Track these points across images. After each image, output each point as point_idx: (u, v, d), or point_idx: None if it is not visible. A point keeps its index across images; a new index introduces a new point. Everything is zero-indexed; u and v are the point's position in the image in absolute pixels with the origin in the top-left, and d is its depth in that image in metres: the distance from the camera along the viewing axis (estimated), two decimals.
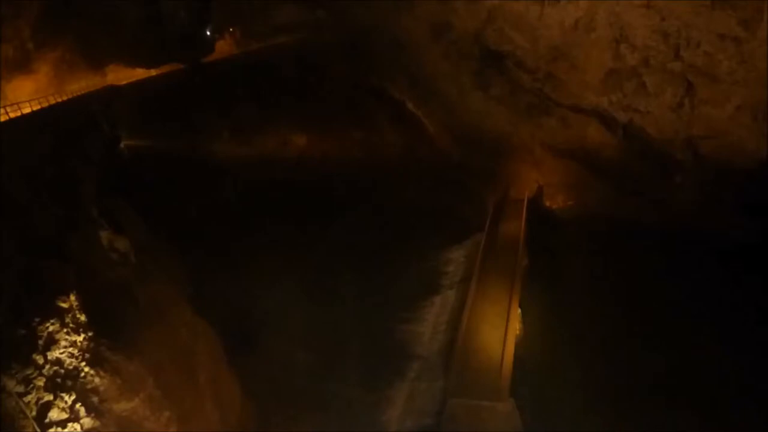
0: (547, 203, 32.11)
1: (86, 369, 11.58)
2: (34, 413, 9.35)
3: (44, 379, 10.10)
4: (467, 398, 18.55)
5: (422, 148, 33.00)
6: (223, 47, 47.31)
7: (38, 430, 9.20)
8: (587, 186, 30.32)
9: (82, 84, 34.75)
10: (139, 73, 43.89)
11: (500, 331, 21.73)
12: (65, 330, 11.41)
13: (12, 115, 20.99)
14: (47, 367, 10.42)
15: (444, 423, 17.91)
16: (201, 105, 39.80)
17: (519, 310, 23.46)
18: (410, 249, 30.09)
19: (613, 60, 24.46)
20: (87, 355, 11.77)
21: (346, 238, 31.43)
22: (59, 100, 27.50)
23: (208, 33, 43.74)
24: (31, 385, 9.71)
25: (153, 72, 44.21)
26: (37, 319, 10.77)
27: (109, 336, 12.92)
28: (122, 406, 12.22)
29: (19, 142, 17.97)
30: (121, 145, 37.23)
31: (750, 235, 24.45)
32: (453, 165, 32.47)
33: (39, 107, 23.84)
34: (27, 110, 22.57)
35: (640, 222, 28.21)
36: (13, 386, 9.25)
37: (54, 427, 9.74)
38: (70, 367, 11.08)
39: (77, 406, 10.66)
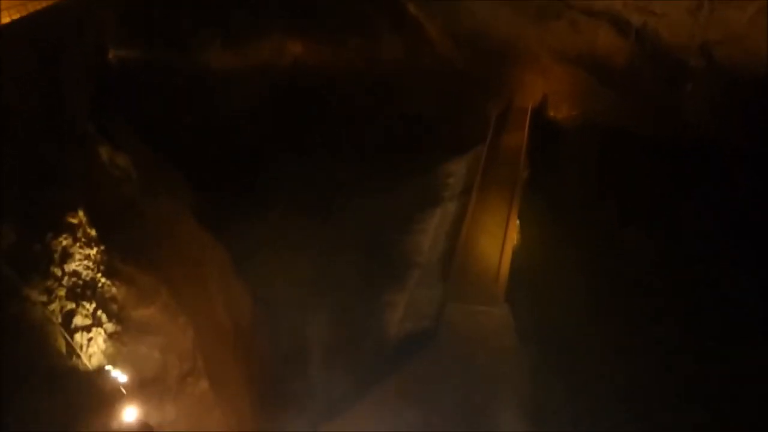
0: (552, 113, 31.43)
1: (103, 279, 12.19)
2: (59, 320, 10.00)
3: (65, 290, 10.67)
4: (464, 303, 19.67)
5: (423, 55, 31.56)
6: None
7: (65, 334, 9.90)
8: (594, 94, 29.47)
9: None
10: None
11: (498, 240, 22.48)
12: (78, 244, 11.84)
13: None
14: (66, 278, 10.96)
15: (442, 326, 19.10)
16: (191, 13, 37.39)
17: (518, 222, 24.02)
18: (411, 161, 30.04)
19: None
20: (102, 267, 12.33)
21: (344, 150, 31.23)
22: (39, 7, 25.80)
23: None
24: (54, 295, 10.29)
25: None
26: (50, 235, 11.13)
27: (120, 249, 13.42)
28: (140, 313, 13.02)
29: (9, 56, 17.24)
30: (110, 55, 35.56)
31: (757, 145, 24.28)
32: (455, 73, 31.29)
33: (17, 16, 22.47)
34: (6, 20, 21.31)
35: (647, 132, 27.84)
36: (37, 296, 9.80)
37: (79, 331, 10.47)
38: (88, 278, 11.66)
39: (99, 312, 11.37)
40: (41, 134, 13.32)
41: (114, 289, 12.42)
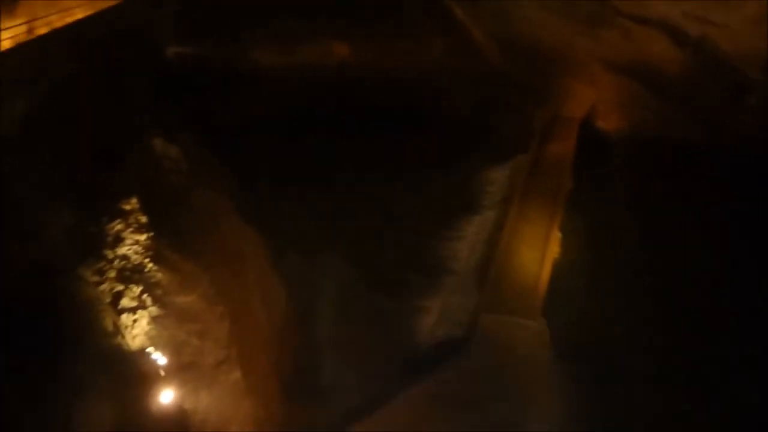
0: (600, 124, 30.56)
1: (149, 265, 12.74)
2: (109, 300, 10.53)
3: (115, 272, 11.24)
4: (500, 314, 19.32)
5: (469, 60, 31.32)
6: None
7: (113, 314, 10.40)
8: (646, 106, 28.42)
9: None
10: None
11: (538, 252, 22.01)
12: (129, 230, 12.45)
13: (67, 19, 21.20)
14: (116, 261, 11.54)
15: (476, 336, 18.81)
16: (244, 12, 38.64)
17: (559, 234, 23.45)
18: (452, 166, 29.84)
19: None
20: (150, 253, 12.89)
21: (385, 152, 31.37)
22: (107, 5, 27.37)
23: None
24: (105, 276, 10.86)
25: None
26: (105, 219, 11.75)
27: (167, 237, 13.99)
28: (182, 299, 13.51)
29: (70, 51, 18.34)
30: (168, 52, 37.21)
31: None
32: (501, 80, 30.91)
33: (84, 15, 23.91)
34: (79, 16, 22.69)
35: (702, 147, 26.62)
36: (89, 276, 10.36)
37: (126, 312, 10.99)
38: (136, 263, 12.22)
39: (144, 296, 11.89)
40: (104, 124, 14.05)
41: (159, 275, 12.96)
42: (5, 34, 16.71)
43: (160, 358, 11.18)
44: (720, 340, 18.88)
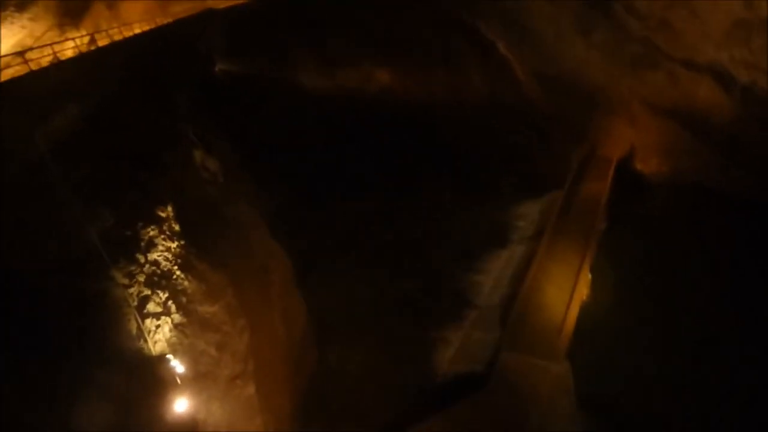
0: (639, 166, 29.84)
1: (178, 272, 13.02)
2: (135, 303, 10.77)
3: (144, 276, 11.51)
4: (521, 353, 18.72)
5: (509, 93, 31.43)
6: None
7: (138, 317, 10.62)
8: (688, 151, 27.64)
9: (184, 6, 36.14)
10: None
11: (566, 293, 21.33)
12: (162, 236, 12.79)
13: (126, 34, 22.50)
14: (147, 266, 11.83)
15: (495, 374, 18.25)
16: (291, 33, 40.17)
17: (589, 276, 22.75)
18: (483, 197, 29.65)
19: (744, 9, 21.18)
20: (179, 261, 13.18)
21: (419, 178, 31.47)
22: (164, 21, 28.98)
23: None
24: (134, 280, 11.12)
25: None
26: (140, 224, 12.12)
27: (197, 246, 14.31)
28: (205, 309, 13.70)
29: (125, 62, 19.39)
30: (216, 68, 38.91)
31: None
32: (539, 115, 30.81)
33: (147, 28, 25.37)
34: (137, 30, 24.07)
35: (745, 197, 25.58)
36: (120, 278, 10.65)
37: (150, 317, 11.19)
38: (165, 269, 12.50)
39: (169, 303, 12.11)
40: (149, 132, 14.61)
41: (186, 283, 13.21)
42: (69, 44, 17.84)
43: (178, 366, 11.29)
44: (759, 398, 17.76)
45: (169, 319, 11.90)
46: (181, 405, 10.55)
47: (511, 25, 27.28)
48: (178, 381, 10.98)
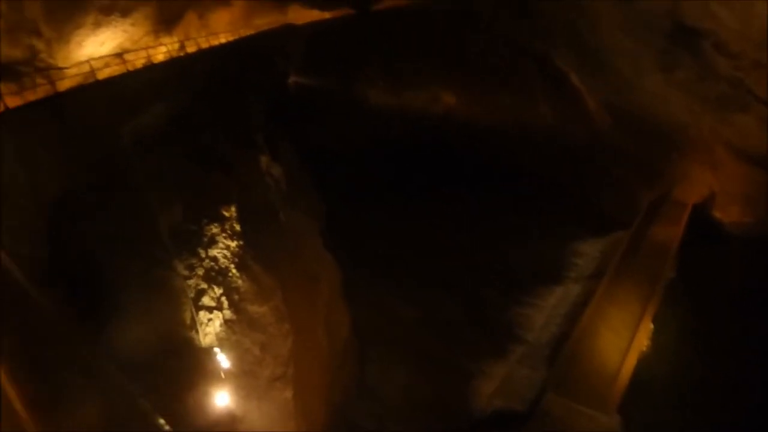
0: (717, 214, 27.80)
1: (233, 270, 13.53)
2: (192, 295, 11.27)
3: (203, 270, 12.06)
4: (568, 398, 17.73)
5: (578, 126, 30.48)
6: None
7: (193, 309, 11.09)
8: None
9: (266, 20, 38.22)
10: (315, 15, 46.78)
11: (624, 341, 20.03)
12: (224, 235, 13.38)
13: (212, 42, 24.09)
14: (206, 261, 12.40)
15: (536, 416, 17.37)
16: (363, 52, 41.42)
17: (651, 326, 21.31)
18: (541, 230, 28.74)
19: None
20: (236, 259, 13.71)
21: (477, 204, 31.05)
22: (247, 33, 30.80)
23: None
24: (194, 272, 11.68)
25: (326, 14, 46.83)
26: (205, 221, 12.76)
27: (254, 247, 14.84)
28: (255, 309, 14.11)
29: (209, 69, 20.71)
30: (290, 80, 40.69)
31: None
32: (610, 150, 29.57)
33: (231, 38, 27.06)
34: (222, 40, 25.71)
35: None
36: (182, 269, 11.21)
37: (204, 310, 11.67)
38: (222, 266, 13.03)
39: (223, 298, 12.59)
40: (222, 135, 15.42)
41: (240, 281, 13.69)
42: (161, 49, 19.33)
43: (223, 360, 11.66)
44: None
45: (220, 314, 12.34)
46: (222, 399, 10.83)
47: (585, 57, 26.52)
48: (222, 375, 11.31)
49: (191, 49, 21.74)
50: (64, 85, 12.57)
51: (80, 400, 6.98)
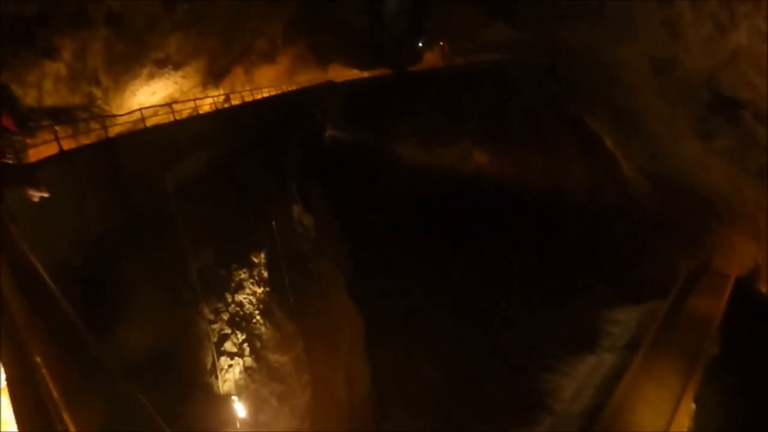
0: (763, 288, 26.33)
1: (258, 317, 13.50)
2: (215, 339, 11.24)
3: (228, 315, 12.07)
4: None
5: (612, 189, 30.10)
6: (430, 59, 50.03)
7: (215, 354, 11.02)
8: None
9: (308, 76, 40.34)
10: (354, 73, 49.18)
11: (662, 419, 18.63)
12: (251, 280, 13.48)
13: (255, 96, 25.44)
14: (232, 306, 12.44)
15: None
16: (398, 109, 42.82)
17: (693, 406, 19.83)
18: (573, 295, 27.79)
19: None
20: (261, 306, 13.72)
21: (507, 266, 30.49)
22: (289, 88, 32.47)
23: (420, 44, 46.62)
24: (219, 317, 11.70)
25: (365, 73, 49.12)
26: (234, 266, 12.91)
27: (280, 295, 14.86)
28: (275, 358, 13.92)
29: (251, 120, 21.74)
30: (326, 133, 42.22)
31: None
32: (646, 216, 28.88)
33: (274, 92, 28.54)
34: (265, 93, 27.13)
35: None
36: (208, 313, 11.25)
37: (225, 356, 11.57)
38: (247, 312, 13.03)
39: (244, 345, 12.49)
40: (258, 183, 15.88)
41: (263, 328, 13.62)
42: (207, 100, 20.52)
43: (240, 410, 11.39)
44: None
45: (241, 361, 12.21)
46: None
47: (620, 121, 26.51)
48: (238, 425, 11.02)
49: (235, 101, 22.96)
50: (115, 130, 13.39)
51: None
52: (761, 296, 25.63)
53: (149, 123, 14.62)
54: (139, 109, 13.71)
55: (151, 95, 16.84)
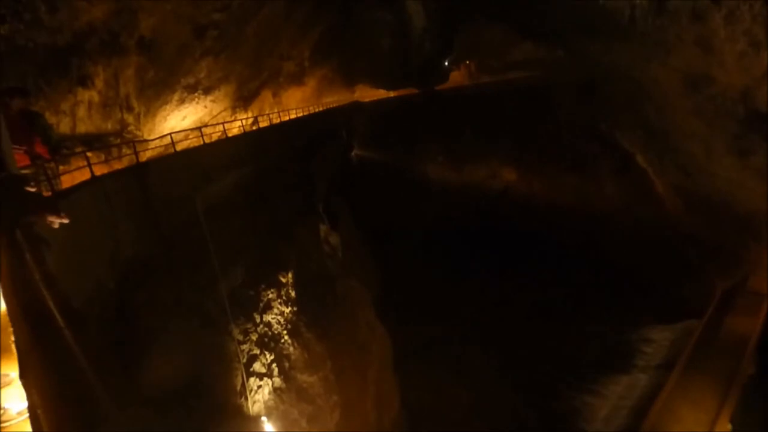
0: None
1: (286, 337, 13.63)
2: (244, 360, 11.39)
3: (257, 336, 12.24)
4: None
5: (646, 208, 29.32)
6: (457, 77, 50.23)
7: (244, 375, 11.17)
8: None
9: (335, 97, 41.04)
10: (380, 93, 49.75)
11: None
12: (279, 300, 13.64)
13: (283, 117, 26.03)
14: (261, 326, 12.60)
15: None
16: (425, 128, 42.98)
17: (730, 427, 18.98)
18: (607, 315, 27.10)
19: None
20: (289, 326, 13.85)
21: (537, 286, 29.99)
22: (316, 109, 33.10)
23: (446, 64, 46.87)
24: (248, 338, 11.86)
25: (391, 93, 49.62)
26: (262, 286, 13.11)
27: (307, 315, 14.97)
28: (304, 378, 13.98)
29: (279, 141, 22.20)
30: (352, 153, 42.69)
31: None
32: (680, 234, 28.05)
33: (301, 114, 29.14)
34: (293, 115, 27.72)
35: None
36: (237, 334, 11.43)
37: (254, 377, 11.69)
38: (276, 332, 13.18)
39: (273, 365, 12.60)
40: (286, 203, 16.14)
41: (291, 349, 13.73)
42: (236, 123, 21.10)
43: (270, 430, 11.46)
44: None
45: (270, 382, 12.32)
46: None
47: (652, 139, 25.99)
48: None
49: (263, 123, 23.54)
50: (146, 155, 13.83)
51: None
52: None
53: (180, 147, 15.04)
54: (170, 134, 14.10)
55: (181, 120, 17.38)
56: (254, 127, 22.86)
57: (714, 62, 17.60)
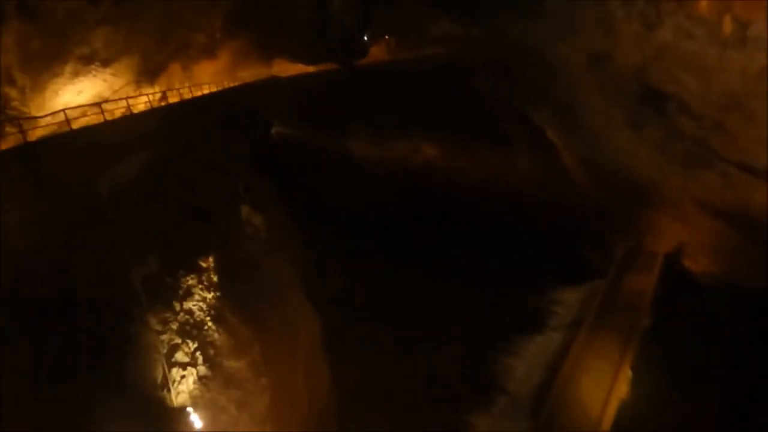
0: (688, 264, 28.58)
1: (209, 323, 13.12)
2: (165, 351, 10.82)
3: (177, 324, 11.66)
4: None
5: (555, 179, 31.47)
6: (376, 53, 49.89)
7: (165, 366, 10.62)
8: (740, 254, 26.29)
9: (251, 72, 39.13)
10: (299, 68, 48.19)
11: (603, 389, 20.00)
12: (200, 286, 13.06)
13: (195, 93, 24.40)
14: (181, 314, 12.01)
15: None
16: (345, 104, 42.51)
17: (630, 373, 21.32)
18: (520, 280, 28.95)
19: None
20: (212, 312, 13.33)
21: (456, 254, 31.23)
22: (231, 84, 31.40)
23: (366, 39, 46.36)
24: (167, 327, 11.27)
25: (310, 68, 48.30)
26: (181, 272, 12.45)
27: (232, 299, 14.48)
28: (231, 364, 13.60)
29: (191, 119, 20.84)
30: (272, 130, 41.26)
31: None
32: (584, 204, 30.52)
33: (215, 89, 27.52)
34: (205, 90, 26.11)
35: None
36: (155, 324, 10.81)
37: (177, 367, 11.18)
38: (198, 319, 12.63)
39: (197, 354, 12.12)
40: (202, 185, 15.33)
41: (216, 335, 13.26)
42: (142, 99, 19.43)
43: (197, 421, 11.06)
44: None
45: (194, 371, 11.85)
46: None
47: (561, 115, 27.75)
48: None
49: (173, 99, 21.94)
50: (36, 133, 12.33)
51: None
52: (686, 271, 27.87)
53: (77, 125, 13.61)
54: (63, 110, 12.64)
55: (77, 95, 15.76)
56: (163, 103, 21.25)
57: (613, 42, 18.99)
